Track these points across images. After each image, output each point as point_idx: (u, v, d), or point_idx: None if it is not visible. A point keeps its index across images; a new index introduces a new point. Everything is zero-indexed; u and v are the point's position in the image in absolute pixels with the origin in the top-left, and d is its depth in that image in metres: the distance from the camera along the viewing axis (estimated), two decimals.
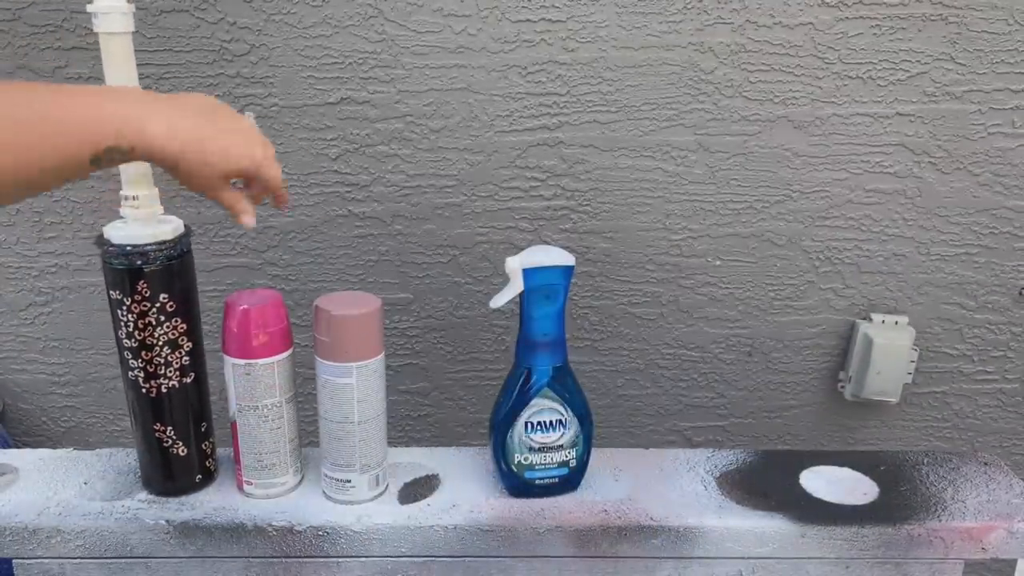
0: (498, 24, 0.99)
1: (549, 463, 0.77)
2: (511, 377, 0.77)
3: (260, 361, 0.72)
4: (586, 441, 0.78)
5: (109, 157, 0.51)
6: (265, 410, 0.74)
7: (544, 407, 0.76)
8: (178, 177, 0.57)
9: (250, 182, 0.64)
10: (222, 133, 0.58)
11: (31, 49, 0.99)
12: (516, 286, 0.73)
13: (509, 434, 0.76)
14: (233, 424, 0.75)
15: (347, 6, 0.98)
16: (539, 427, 0.76)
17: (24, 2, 0.97)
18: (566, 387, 0.76)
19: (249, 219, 0.62)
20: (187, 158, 0.55)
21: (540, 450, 0.77)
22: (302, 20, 0.98)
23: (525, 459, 0.77)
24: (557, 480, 0.78)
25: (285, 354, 0.74)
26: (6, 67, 1.00)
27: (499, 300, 0.73)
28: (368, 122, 1.03)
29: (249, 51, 0.99)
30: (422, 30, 0.99)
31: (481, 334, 1.13)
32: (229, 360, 0.73)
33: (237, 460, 0.76)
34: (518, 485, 0.78)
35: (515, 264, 0.73)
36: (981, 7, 0.98)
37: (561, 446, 0.77)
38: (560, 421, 0.76)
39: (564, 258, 0.74)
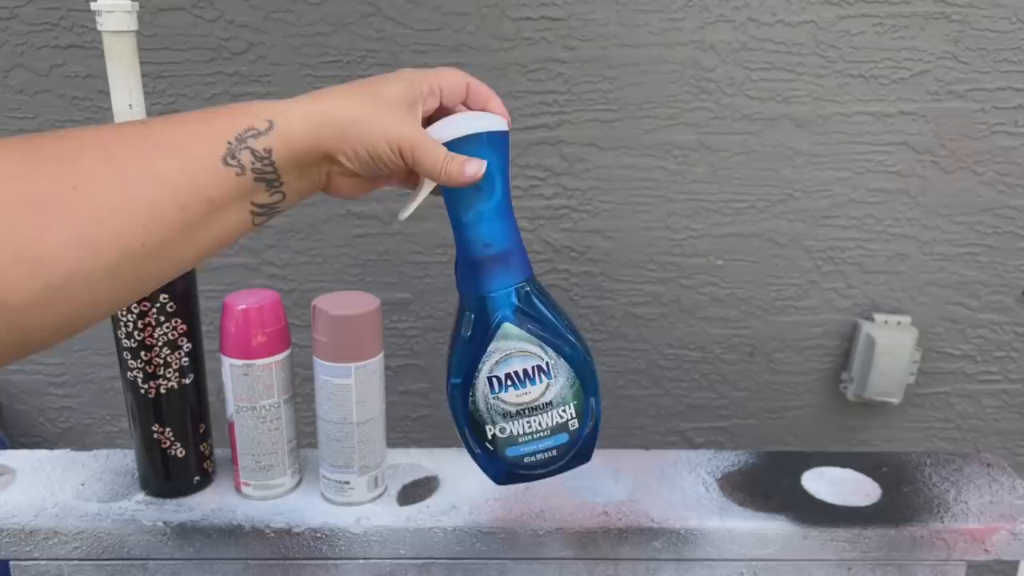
0: (498, 22, 0.98)
1: (538, 430, 0.55)
2: (459, 320, 0.55)
3: (258, 362, 0.72)
4: (588, 388, 0.55)
5: (246, 148, 0.40)
6: (263, 411, 0.73)
7: (510, 351, 0.53)
8: (349, 139, 0.44)
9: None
10: (371, 81, 0.47)
11: (28, 47, 0.99)
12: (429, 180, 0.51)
13: (471, 400, 0.54)
14: (231, 425, 0.75)
15: (346, 4, 0.97)
16: (510, 381, 0.54)
17: (21, 0, 0.97)
18: (538, 314, 0.54)
19: (472, 167, 0.48)
20: (346, 104, 0.44)
21: (519, 414, 0.54)
22: (301, 18, 0.98)
23: (502, 431, 0.54)
24: (555, 452, 0.56)
25: (283, 354, 0.73)
26: (4, 65, 0.99)
27: (409, 207, 0.52)
28: None
29: (247, 49, 0.99)
30: (421, 28, 0.98)
31: None
32: (227, 360, 0.72)
33: (235, 461, 0.76)
34: (504, 470, 0.56)
35: None
36: (984, 5, 0.98)
37: (549, 403, 0.54)
38: (539, 367, 0.54)
39: (492, 122, 0.52)
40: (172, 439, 0.75)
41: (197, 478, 0.77)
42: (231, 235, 0.42)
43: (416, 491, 0.79)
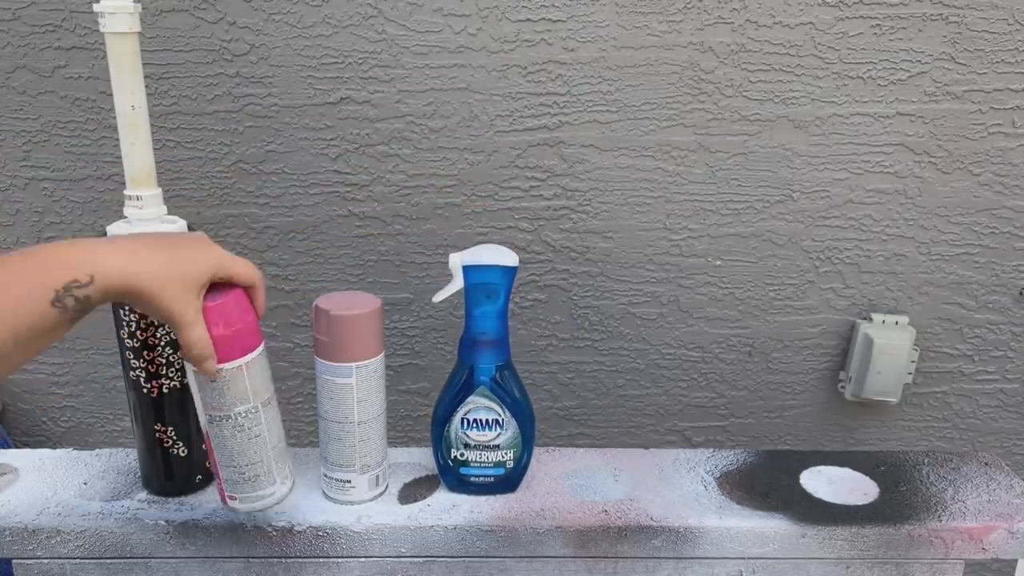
0: (498, 24, 0.99)
1: (485, 462, 0.76)
2: (454, 372, 0.76)
3: (225, 366, 0.62)
4: (526, 444, 0.77)
5: (71, 296, 0.51)
6: (239, 418, 0.64)
7: (481, 405, 0.75)
8: (144, 301, 0.55)
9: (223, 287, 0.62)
10: (181, 244, 0.59)
11: (31, 49, 0.99)
12: (457, 282, 0.73)
13: (447, 428, 0.76)
14: (206, 436, 0.66)
15: (347, 6, 0.98)
16: (475, 424, 0.75)
17: (24, 1, 0.97)
18: (506, 388, 0.75)
19: (211, 364, 0.60)
20: (151, 272, 0.55)
21: (476, 447, 0.76)
22: (302, 20, 0.98)
23: (461, 455, 0.76)
24: (493, 480, 0.77)
25: (253, 354, 0.63)
26: (6, 67, 1.00)
27: (441, 295, 0.73)
28: (368, 122, 1.02)
29: (249, 51, 0.99)
30: (422, 30, 0.99)
31: None
32: (190, 366, 0.62)
33: (216, 475, 0.68)
34: (454, 480, 0.78)
35: (456, 260, 0.73)
36: (981, 7, 0.98)
37: (498, 446, 0.76)
38: (497, 421, 0.75)
39: (507, 258, 0.73)
40: (174, 438, 0.75)
41: (199, 477, 0.77)
42: (49, 343, 0.53)
43: (417, 490, 0.79)
